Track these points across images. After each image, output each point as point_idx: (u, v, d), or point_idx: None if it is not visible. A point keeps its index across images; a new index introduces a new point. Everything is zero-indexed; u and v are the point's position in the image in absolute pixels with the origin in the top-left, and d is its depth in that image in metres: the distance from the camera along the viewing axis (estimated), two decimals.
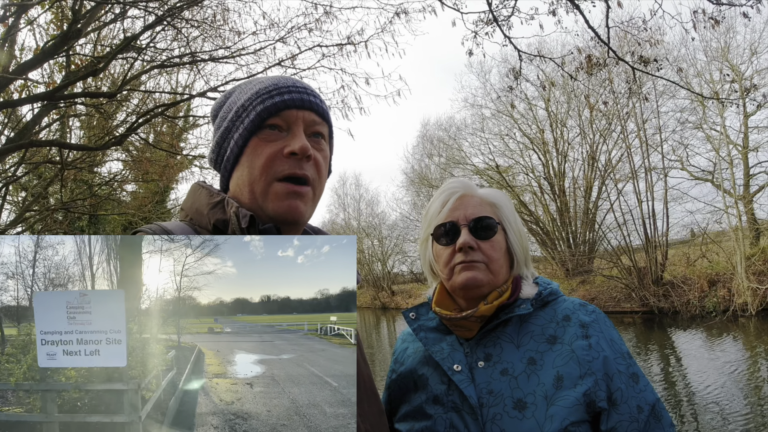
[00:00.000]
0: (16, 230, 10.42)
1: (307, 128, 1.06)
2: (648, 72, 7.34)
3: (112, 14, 7.72)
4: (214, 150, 1.13)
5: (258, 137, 1.04)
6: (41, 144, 8.05)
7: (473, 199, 1.35)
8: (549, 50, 17.66)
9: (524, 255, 1.37)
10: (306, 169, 1.03)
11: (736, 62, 17.91)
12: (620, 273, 18.77)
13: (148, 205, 13.88)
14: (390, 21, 7.71)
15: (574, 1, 6.27)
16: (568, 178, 24.13)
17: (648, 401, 1.16)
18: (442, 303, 1.34)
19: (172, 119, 10.12)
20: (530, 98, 23.94)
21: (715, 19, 6.03)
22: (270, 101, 1.04)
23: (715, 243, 17.35)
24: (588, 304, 1.29)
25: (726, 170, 17.52)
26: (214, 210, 1.03)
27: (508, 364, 1.21)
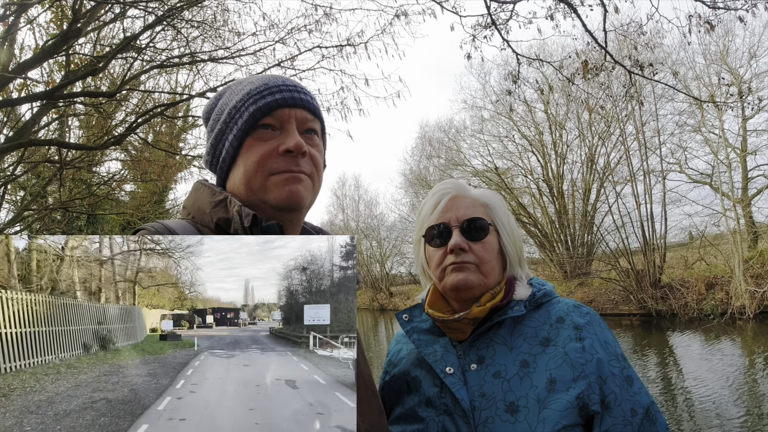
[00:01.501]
0: (14, 229, 10.40)
1: (300, 125, 1.08)
2: (644, 76, 7.36)
3: (111, 14, 7.73)
4: (209, 152, 1.14)
5: (252, 137, 1.06)
6: (40, 143, 8.04)
7: (465, 200, 1.34)
8: (549, 53, 17.75)
9: (518, 256, 1.35)
10: (302, 166, 1.05)
11: (735, 66, 17.98)
12: (618, 275, 18.78)
13: (146, 204, 13.88)
14: (390, 23, 7.72)
15: (571, 5, 6.29)
16: (567, 180, 24.15)
17: (642, 404, 1.14)
18: (434, 305, 1.34)
19: (172, 119, 10.11)
20: (529, 101, 23.99)
21: (711, 23, 6.05)
22: (262, 101, 1.06)
23: (713, 246, 17.36)
24: (582, 306, 1.28)
25: (724, 173, 17.55)
26: (217, 209, 1.04)
27: (501, 366, 1.20)
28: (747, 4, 5.90)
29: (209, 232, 1.04)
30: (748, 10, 5.90)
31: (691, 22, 6.05)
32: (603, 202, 22.10)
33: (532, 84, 15.96)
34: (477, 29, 7.08)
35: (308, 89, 1.15)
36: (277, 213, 1.04)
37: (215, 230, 1.04)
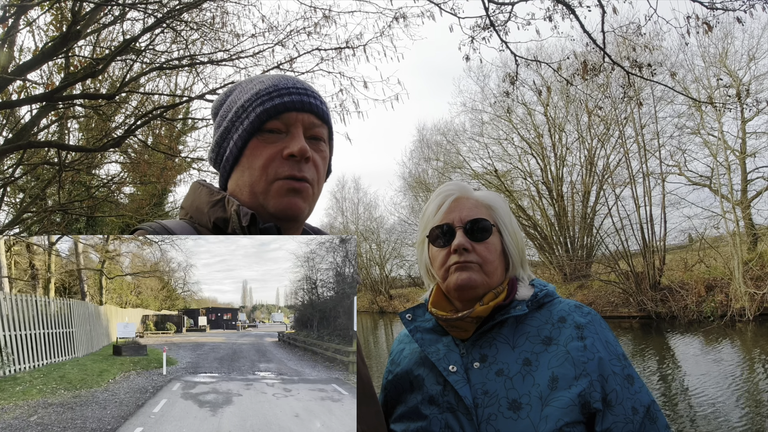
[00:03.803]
0: (13, 231, 10.39)
1: (306, 130, 1.07)
2: (643, 77, 7.38)
3: (111, 16, 7.74)
4: (213, 149, 1.13)
5: (257, 138, 1.05)
6: (39, 145, 8.04)
7: (469, 201, 1.36)
8: (548, 55, 17.77)
9: (520, 257, 1.37)
10: (305, 171, 1.04)
11: (734, 68, 18.04)
12: (618, 278, 18.80)
13: (145, 207, 13.85)
14: (388, 25, 7.74)
15: (570, 7, 6.32)
16: (566, 182, 24.21)
17: (643, 403, 1.15)
18: (438, 304, 1.35)
19: (171, 121, 10.10)
20: (528, 103, 24.06)
21: (709, 24, 6.07)
22: (270, 103, 1.05)
23: (713, 248, 17.39)
24: (584, 306, 1.30)
25: (723, 175, 17.60)
26: (215, 208, 1.04)
27: (504, 364, 1.21)
28: (745, 5, 5.93)
29: (207, 232, 1.04)
30: (746, 11, 5.93)
31: (690, 23, 6.08)
32: (602, 205, 22.16)
33: (531, 86, 15.99)
34: (475, 30, 7.11)
35: (319, 93, 1.14)
36: (276, 220, 1.04)
37: (213, 230, 1.04)
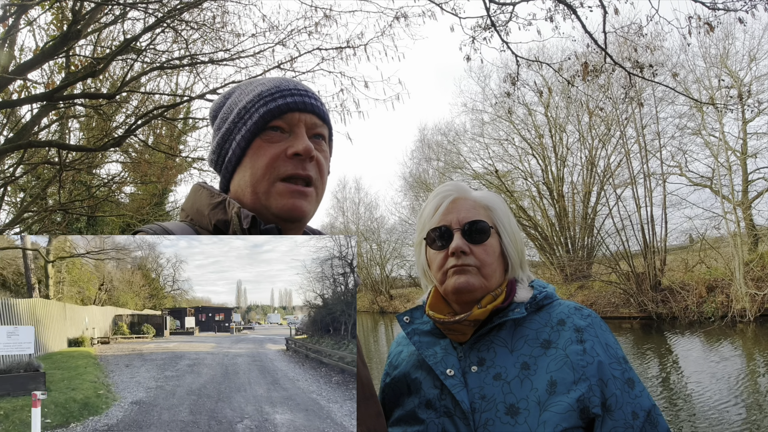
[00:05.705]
0: (13, 231, 10.39)
1: (309, 130, 1.08)
2: (644, 77, 7.37)
3: (112, 15, 7.74)
4: (214, 151, 1.13)
5: (261, 138, 1.05)
6: (40, 144, 8.04)
7: (467, 202, 1.34)
8: (549, 56, 17.75)
9: (519, 258, 1.35)
10: (309, 170, 1.04)
11: (735, 68, 18.00)
12: (619, 278, 18.77)
13: (146, 207, 13.87)
14: (389, 25, 7.73)
15: (571, 7, 6.30)
16: (567, 183, 24.18)
17: (644, 407, 1.13)
18: (436, 307, 1.33)
19: (172, 121, 10.10)
20: (529, 103, 24.02)
21: (710, 24, 6.05)
22: (273, 104, 1.06)
23: (714, 249, 17.36)
24: (584, 308, 1.27)
25: (725, 176, 17.56)
26: (215, 210, 1.04)
27: (502, 368, 1.20)
28: (747, 6, 5.92)
29: (207, 233, 1.04)
30: (748, 11, 5.91)
31: (691, 24, 6.06)
32: (603, 205, 22.14)
33: (532, 87, 15.98)
34: (476, 31, 7.10)
35: (318, 95, 1.15)
36: (278, 221, 1.04)
37: (214, 232, 1.03)
